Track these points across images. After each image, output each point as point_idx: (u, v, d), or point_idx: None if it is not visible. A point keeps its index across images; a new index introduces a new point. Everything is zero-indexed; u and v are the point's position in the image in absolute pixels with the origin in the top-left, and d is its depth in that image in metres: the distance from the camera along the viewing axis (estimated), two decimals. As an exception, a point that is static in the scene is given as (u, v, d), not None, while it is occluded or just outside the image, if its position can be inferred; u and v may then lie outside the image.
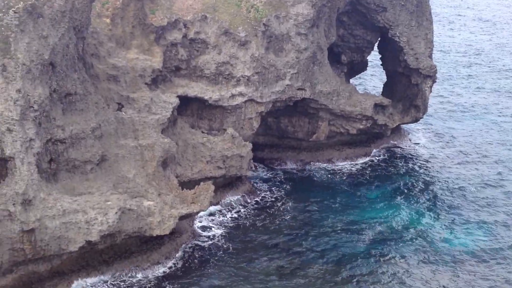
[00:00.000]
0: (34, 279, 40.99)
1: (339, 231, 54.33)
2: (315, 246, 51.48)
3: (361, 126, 68.65)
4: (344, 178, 65.57)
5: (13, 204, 39.14)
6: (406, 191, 63.06)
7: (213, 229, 52.81)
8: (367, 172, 67.26)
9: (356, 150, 71.45)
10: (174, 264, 46.75)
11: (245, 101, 58.28)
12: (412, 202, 60.57)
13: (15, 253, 39.52)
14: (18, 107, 39.16)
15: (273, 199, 59.45)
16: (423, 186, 64.20)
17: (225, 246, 50.00)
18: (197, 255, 48.26)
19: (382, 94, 74.81)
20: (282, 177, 64.67)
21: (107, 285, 43.11)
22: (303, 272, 47.08)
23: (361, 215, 57.69)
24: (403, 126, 77.44)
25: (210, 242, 50.45)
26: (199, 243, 50.08)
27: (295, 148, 69.36)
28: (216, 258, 48.12)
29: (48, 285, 41.27)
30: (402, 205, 59.67)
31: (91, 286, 42.64)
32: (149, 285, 43.79)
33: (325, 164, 68.49)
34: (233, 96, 57.58)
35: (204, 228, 52.82)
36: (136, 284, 43.70)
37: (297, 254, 49.92)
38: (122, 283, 43.59)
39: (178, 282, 44.46)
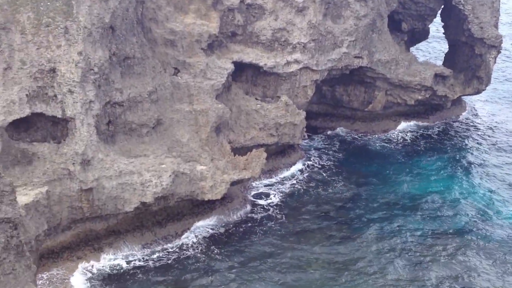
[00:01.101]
0: (91, 237, 42.70)
1: (392, 203, 53.74)
2: (366, 216, 51.17)
3: (420, 97, 66.91)
4: (399, 149, 64.40)
5: (73, 163, 40.57)
6: (462, 164, 61.49)
7: (264, 196, 53.21)
8: (424, 143, 65.77)
9: (413, 122, 69.90)
10: (224, 229, 47.55)
11: (300, 69, 57.66)
12: (469, 175, 59.03)
13: (73, 211, 41.15)
14: (79, 69, 40.19)
15: (325, 168, 59.18)
16: (481, 160, 62.36)
17: (275, 213, 50.39)
18: (247, 222, 48.88)
19: (443, 64, 72.38)
20: (335, 146, 64.12)
21: (158, 244, 44.36)
22: (353, 243, 47.00)
23: (415, 186, 56.76)
24: (464, 98, 74.96)
25: (261, 209, 50.96)
26: (250, 209, 50.64)
27: (349, 118, 68.49)
28: (266, 225, 48.61)
29: (104, 242, 42.92)
30: (458, 178, 58.28)
31: (144, 246, 44.02)
32: (199, 247, 44.79)
33: (380, 135, 67.37)
34: (288, 63, 57.06)
35: (255, 195, 53.30)
36: (186, 246, 44.77)
37: (348, 224, 49.82)
38: (172, 244, 44.77)
39: (227, 246, 45.29)
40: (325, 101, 68.09)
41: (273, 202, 52.12)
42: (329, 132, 67.07)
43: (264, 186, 54.93)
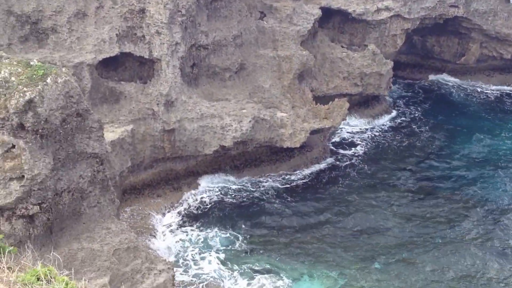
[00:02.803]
0: (171, 176, 44.24)
1: (475, 159, 51.71)
2: (449, 172, 49.58)
3: (518, 51, 62.77)
4: (488, 105, 61.22)
5: (157, 104, 41.68)
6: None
7: (345, 146, 52.67)
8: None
9: (507, 77, 65.93)
10: (302, 177, 47.69)
11: (391, 17, 55.31)
12: None
13: (156, 150, 42.62)
14: (167, 11, 40.56)
15: (409, 120, 57.54)
16: None
17: (355, 164, 49.87)
18: (325, 171, 48.72)
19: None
20: (422, 98, 61.92)
21: (234, 187, 45.32)
22: (434, 199, 45.74)
23: (504, 145, 54.11)
24: None
25: (340, 159, 50.55)
26: (329, 159, 50.36)
27: (439, 70, 65.65)
28: (345, 175, 48.26)
29: (183, 182, 44.36)
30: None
31: (221, 188, 45.13)
32: (275, 194, 45.30)
33: (470, 88, 64.18)
34: (378, 10, 54.82)
35: (335, 144, 52.83)
36: (262, 190, 45.43)
37: (429, 180, 48.48)
38: (248, 188, 45.59)
39: (304, 195, 45.46)
40: (414, 51, 65.47)
41: (353, 153, 51.54)
42: (416, 84, 64.71)
43: (345, 135, 54.28)
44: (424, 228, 41.66)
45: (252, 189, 45.35)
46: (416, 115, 58.57)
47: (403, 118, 57.99)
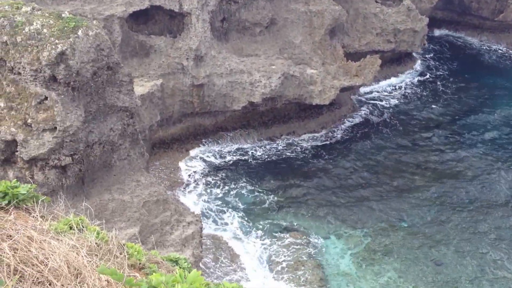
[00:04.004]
0: (199, 131, 44.54)
1: (503, 118, 50.74)
2: (477, 128, 48.91)
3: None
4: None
5: (186, 58, 41.64)
6: None
7: (374, 103, 52.09)
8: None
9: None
10: (330, 135, 47.49)
11: (428, -29, 53.61)
12: None
13: (184, 105, 42.82)
14: (197, -36, 40.05)
15: (440, 78, 56.52)
16: None
17: (385, 122, 49.37)
18: (354, 129, 48.38)
19: None
20: (456, 55, 60.53)
21: (263, 143, 45.47)
22: (466, 160, 45.19)
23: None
24: None
25: (370, 117, 50.10)
26: (358, 117, 49.95)
27: (476, 27, 63.72)
28: (374, 134, 47.86)
29: (212, 138, 44.64)
30: None
31: (250, 144, 45.34)
32: (303, 152, 45.28)
33: (504, 48, 62.37)
34: (414, -36, 53.17)
35: (364, 101, 52.28)
36: (291, 147, 45.48)
37: (459, 135, 47.88)
38: (277, 145, 45.67)
39: (332, 153, 45.29)
40: (451, 8, 63.61)
41: (383, 110, 51.00)
42: (450, 41, 63.14)
43: (375, 92, 53.65)
44: (454, 189, 41.34)
45: (281, 147, 45.40)
46: (447, 72, 57.45)
47: (434, 76, 56.93)
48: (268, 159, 43.80)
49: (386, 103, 52.18)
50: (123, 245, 7.71)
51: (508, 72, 58.77)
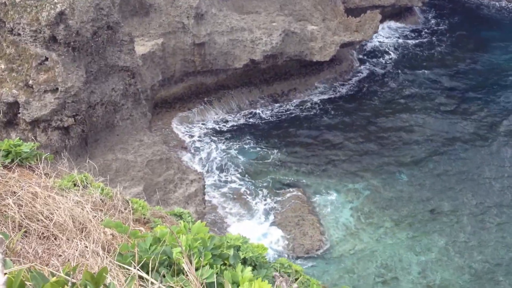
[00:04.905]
0: (201, 90, 44.51)
1: (496, 69, 50.68)
2: (478, 83, 48.79)
3: None
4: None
5: (187, 17, 41.25)
6: None
7: (375, 59, 51.83)
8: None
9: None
10: (330, 90, 47.45)
11: None
12: None
13: (186, 64, 42.66)
14: None
15: (438, 33, 56.29)
16: None
17: (385, 78, 49.28)
18: (355, 85, 48.34)
19: None
20: (456, 10, 59.84)
21: (265, 102, 45.52)
22: (463, 113, 45.37)
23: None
24: None
25: (370, 72, 49.99)
26: (359, 73, 49.79)
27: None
28: (375, 90, 47.84)
29: (214, 96, 44.66)
30: None
31: (251, 102, 45.37)
32: (305, 106, 45.33)
33: (504, 1, 61.67)
34: None
35: (364, 57, 52.04)
36: (293, 105, 45.51)
37: (459, 91, 47.82)
38: (279, 103, 45.72)
39: (333, 109, 45.37)
40: (453, -40, 62.41)
41: (383, 65, 50.86)
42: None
43: (376, 47, 53.37)
44: (451, 143, 41.62)
45: (283, 104, 45.47)
46: (446, 26, 57.04)
47: (434, 29, 56.55)
48: (272, 116, 43.95)
49: (385, 58, 51.94)
50: (128, 200, 7.95)
51: (506, 25, 58.22)
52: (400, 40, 54.81)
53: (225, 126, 42.72)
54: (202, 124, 42.81)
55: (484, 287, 29.79)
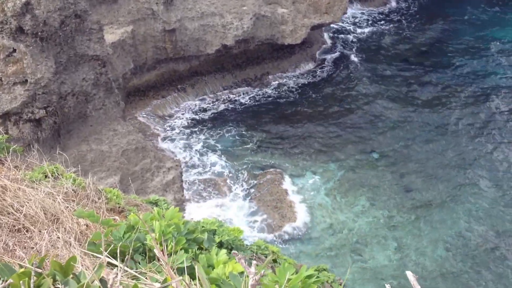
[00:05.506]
0: (174, 77, 44.20)
1: (475, 48, 51.46)
2: (446, 60, 49.52)
3: None
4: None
5: (156, 3, 40.79)
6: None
7: (344, 39, 52.08)
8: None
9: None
10: (303, 73, 47.62)
11: None
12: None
13: (157, 51, 42.30)
14: None
15: (406, 13, 56.77)
16: None
17: (355, 58, 49.63)
18: (326, 66, 48.57)
19: None
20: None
21: (238, 87, 45.48)
22: (430, 87, 46.05)
23: (500, 33, 53.67)
24: None
25: (341, 52, 50.25)
26: (330, 53, 50.04)
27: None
28: (345, 71, 48.19)
29: (187, 83, 44.42)
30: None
31: (225, 88, 45.28)
32: (279, 90, 45.41)
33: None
34: None
35: (334, 38, 52.29)
36: (266, 88, 45.54)
37: (425, 67, 48.42)
38: (252, 87, 45.71)
39: (305, 92, 45.58)
40: None
41: (352, 46, 51.17)
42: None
43: (345, 27, 53.70)
44: (421, 119, 42.32)
45: (257, 89, 45.50)
46: (416, 7, 57.62)
47: (402, 8, 57.18)
48: (246, 102, 44.03)
49: (357, 38, 52.32)
50: (101, 190, 7.94)
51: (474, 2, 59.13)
52: (370, 22, 55.14)
53: (203, 112, 42.65)
54: (178, 110, 42.61)
55: (458, 260, 30.51)
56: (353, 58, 49.60)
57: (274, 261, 9.86)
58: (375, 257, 30.67)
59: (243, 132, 40.58)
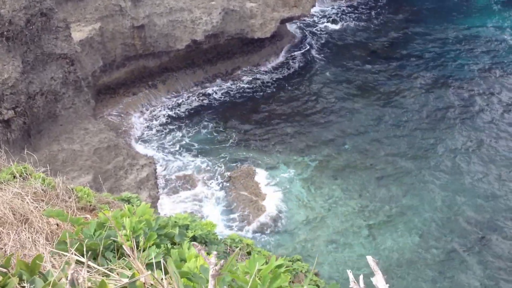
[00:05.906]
0: (144, 74, 43.84)
1: (443, 39, 52.29)
2: (413, 51, 50.25)
3: None
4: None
5: (124, -1, 40.43)
6: None
7: (314, 31, 52.36)
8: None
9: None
10: (273, 67, 47.73)
11: None
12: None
13: (127, 48, 41.89)
14: None
15: (375, 7, 57.28)
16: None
17: (323, 51, 49.91)
18: (296, 59, 48.80)
19: None
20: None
21: (210, 82, 45.40)
22: (398, 78, 46.64)
23: (469, 24, 54.66)
24: None
25: (310, 45, 50.53)
26: (300, 46, 50.27)
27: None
28: (316, 63, 48.47)
29: (158, 79, 44.12)
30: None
31: (196, 83, 45.14)
32: (249, 84, 45.45)
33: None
34: None
35: (303, 32, 52.54)
36: (237, 83, 45.55)
37: (396, 60, 49.00)
38: (224, 81, 45.66)
39: (280, 84, 45.71)
40: None
41: (320, 40, 51.45)
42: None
43: (315, 19, 54.06)
44: (391, 109, 42.89)
45: (228, 85, 45.45)
46: (380, 3, 58.31)
47: (371, 2, 57.75)
48: (219, 98, 44.03)
49: (326, 31, 52.63)
50: (72, 188, 7.89)
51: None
52: (339, 15, 55.53)
53: (177, 108, 42.54)
54: (150, 107, 42.36)
55: (431, 246, 31.09)
56: (322, 51, 49.88)
57: (248, 253, 9.95)
58: (351, 247, 31.05)
59: (218, 128, 40.62)
